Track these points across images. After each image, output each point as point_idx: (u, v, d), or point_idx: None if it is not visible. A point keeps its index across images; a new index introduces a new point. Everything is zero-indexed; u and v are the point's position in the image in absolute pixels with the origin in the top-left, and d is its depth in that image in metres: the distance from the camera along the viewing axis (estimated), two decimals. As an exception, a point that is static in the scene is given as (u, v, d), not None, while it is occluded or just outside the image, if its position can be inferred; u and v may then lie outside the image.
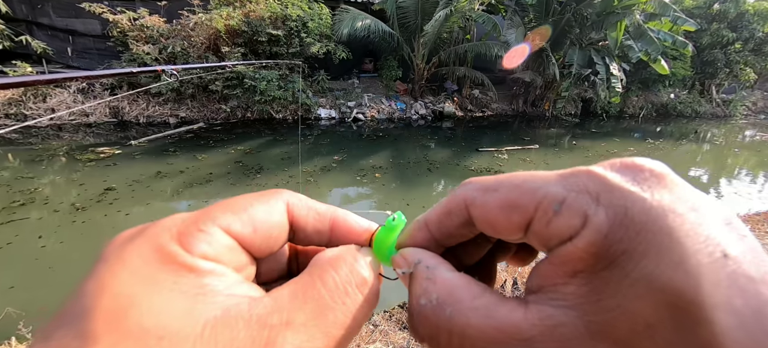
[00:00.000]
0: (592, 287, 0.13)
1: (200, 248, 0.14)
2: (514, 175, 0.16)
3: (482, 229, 0.17)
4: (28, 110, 6.39)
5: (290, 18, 7.37)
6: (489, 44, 8.77)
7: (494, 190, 0.16)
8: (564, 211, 0.14)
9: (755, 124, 11.73)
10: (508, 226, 0.16)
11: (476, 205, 0.17)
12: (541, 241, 0.15)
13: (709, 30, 11.44)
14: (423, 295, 0.16)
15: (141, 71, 1.61)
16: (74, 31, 7.22)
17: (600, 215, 0.13)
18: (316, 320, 0.15)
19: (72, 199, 3.75)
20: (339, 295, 0.16)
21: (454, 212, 0.18)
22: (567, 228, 0.14)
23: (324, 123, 8.21)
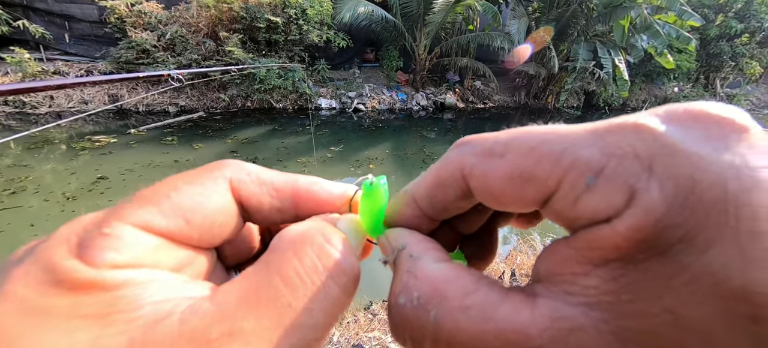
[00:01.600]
0: (625, 282, 0.10)
1: (105, 257, 0.10)
2: (527, 132, 0.13)
3: (484, 202, 0.14)
4: (27, 97, 6.35)
5: (289, 5, 7.26)
6: (492, 35, 8.64)
7: (500, 156, 0.13)
8: (601, 185, 0.10)
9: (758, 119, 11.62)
10: (519, 201, 0.13)
11: (475, 175, 0.13)
12: (563, 220, 0.12)
13: (715, 21, 11.26)
14: (402, 292, 0.13)
15: (147, 76, 1.58)
16: (71, 16, 7.11)
17: (653, 191, 0.10)
18: (272, 326, 0.11)
19: (64, 188, 3.73)
20: (304, 290, 0.12)
21: (446, 184, 0.15)
22: (604, 208, 0.10)
23: (324, 113, 8.16)
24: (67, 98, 6.62)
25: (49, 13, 6.96)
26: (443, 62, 9.77)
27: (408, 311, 0.12)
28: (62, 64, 7.04)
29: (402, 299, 0.13)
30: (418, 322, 0.12)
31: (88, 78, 1.37)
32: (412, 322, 0.12)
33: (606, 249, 0.10)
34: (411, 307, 0.12)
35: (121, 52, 6.80)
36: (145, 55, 6.80)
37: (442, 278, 0.13)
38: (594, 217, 0.11)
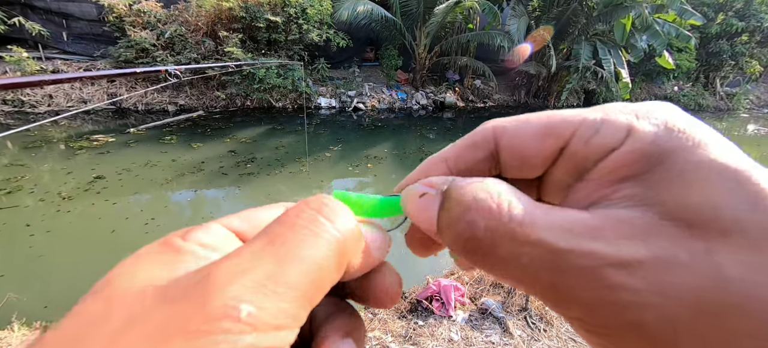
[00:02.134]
0: (647, 185, 0.13)
1: (195, 236, 0.15)
2: (547, 112, 0.17)
3: (507, 160, 0.17)
4: (26, 96, 6.34)
5: (289, 4, 7.24)
6: (492, 34, 8.63)
7: (526, 121, 0.17)
8: (605, 127, 0.15)
9: (758, 118, 11.65)
10: (540, 151, 0.16)
11: (507, 133, 0.17)
12: (576, 162, 0.15)
13: (716, 19, 11.26)
14: (480, 191, 0.14)
15: (145, 72, 1.58)
16: (70, 14, 7.08)
17: (644, 124, 0.14)
18: (263, 246, 0.13)
19: (60, 188, 3.71)
20: (300, 223, 0.14)
21: (479, 144, 0.18)
22: (610, 140, 0.15)
23: (324, 112, 8.15)
24: (66, 97, 6.60)
25: (48, 12, 6.94)
26: (443, 61, 9.75)
27: (487, 205, 0.14)
28: (61, 63, 7.02)
29: (482, 194, 0.14)
30: (499, 212, 0.14)
31: (85, 73, 1.36)
32: (492, 213, 0.14)
33: (621, 168, 0.14)
34: (490, 202, 0.14)
35: (120, 51, 6.78)
36: (144, 53, 6.78)
37: (508, 187, 0.15)
38: (603, 149, 0.15)
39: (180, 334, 0.10)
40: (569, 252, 0.12)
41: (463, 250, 0.14)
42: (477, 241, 0.14)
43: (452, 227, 0.15)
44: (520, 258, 0.13)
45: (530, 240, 0.13)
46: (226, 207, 3.77)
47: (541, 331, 2.05)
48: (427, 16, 8.67)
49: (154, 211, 3.45)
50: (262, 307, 0.11)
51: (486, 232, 0.14)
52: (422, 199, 0.16)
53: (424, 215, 0.16)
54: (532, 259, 0.13)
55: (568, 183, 0.16)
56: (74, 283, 2.36)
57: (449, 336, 2.01)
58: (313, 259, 0.13)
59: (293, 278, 0.12)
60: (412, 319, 2.13)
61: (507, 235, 0.13)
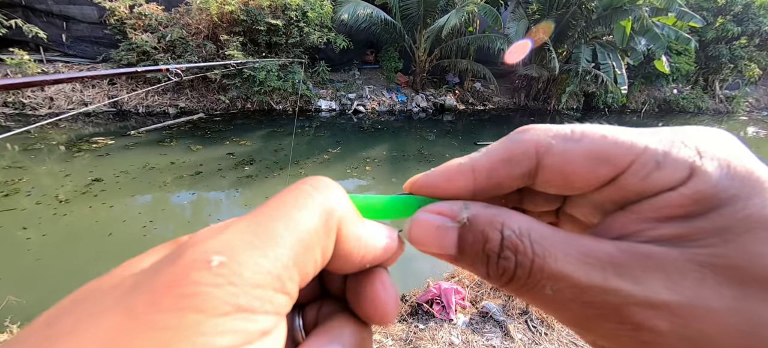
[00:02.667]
0: (693, 228, 0.13)
1: (201, 235, 0.14)
2: (593, 127, 0.15)
3: (548, 180, 0.16)
4: (27, 98, 6.34)
5: (290, 7, 7.26)
6: (492, 37, 8.66)
7: (576, 140, 0.15)
8: (667, 163, 0.14)
9: (757, 121, 11.67)
10: (590, 179, 0.15)
11: (554, 153, 0.15)
12: (626, 194, 0.15)
13: (714, 24, 11.30)
14: (505, 225, 0.14)
15: (146, 70, 1.59)
16: (71, 17, 7.10)
17: (708, 165, 0.14)
18: (249, 213, 0.12)
19: (57, 191, 3.69)
20: (286, 192, 0.13)
21: (516, 160, 0.16)
22: (670, 180, 0.14)
23: (324, 114, 8.16)
24: (67, 100, 6.61)
25: (49, 14, 6.96)
26: (443, 64, 9.78)
27: (512, 240, 0.14)
28: (62, 65, 7.03)
29: (507, 231, 0.14)
30: (522, 245, 0.14)
31: (85, 73, 1.37)
32: (514, 245, 0.14)
33: (671, 208, 0.14)
34: (514, 236, 0.14)
35: (121, 54, 6.80)
36: (146, 56, 6.80)
37: (531, 219, 0.15)
38: (662, 187, 0.14)
39: (147, 295, 0.09)
40: (593, 287, 0.12)
41: (495, 281, 0.15)
42: (512, 276, 0.14)
43: (481, 260, 0.15)
44: (545, 290, 0.13)
45: (555, 274, 0.13)
46: (224, 209, 3.77)
47: (542, 334, 2.04)
48: (428, 20, 8.70)
49: (152, 214, 3.44)
50: (237, 259, 0.10)
51: (518, 268, 0.14)
52: (438, 228, 0.16)
53: (439, 244, 0.16)
54: (558, 292, 0.13)
55: (605, 207, 0.16)
56: (72, 287, 2.34)
57: (450, 339, 2.00)
58: (299, 217, 0.12)
59: (275, 231, 0.11)
60: (413, 323, 2.13)
61: (534, 270, 0.14)
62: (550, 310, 0.14)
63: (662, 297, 0.12)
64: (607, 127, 0.16)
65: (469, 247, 0.15)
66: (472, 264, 0.15)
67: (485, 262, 0.15)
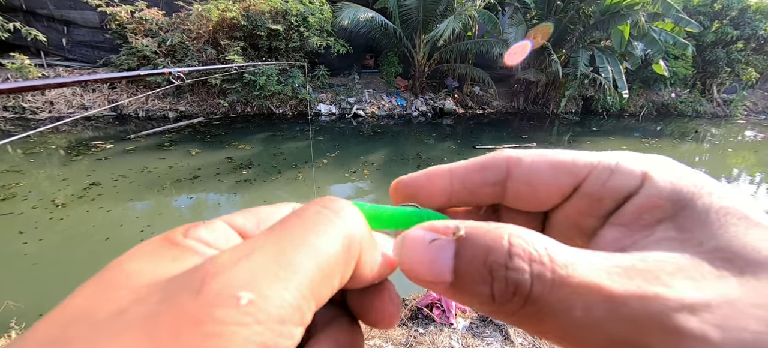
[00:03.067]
0: (680, 229, 0.13)
1: (196, 234, 0.14)
2: (557, 150, 0.17)
3: (517, 191, 0.17)
4: (27, 102, 6.36)
5: (290, 13, 7.31)
6: (490, 42, 8.72)
7: (541, 155, 0.17)
8: (621, 171, 0.16)
9: (755, 124, 11.73)
10: (554, 186, 0.17)
11: (522, 164, 0.17)
12: (591, 202, 0.16)
13: (711, 28, 11.40)
14: (511, 233, 0.13)
15: (148, 74, 1.60)
16: (72, 22, 7.14)
17: (659, 172, 0.15)
18: (268, 234, 0.12)
19: (54, 195, 3.68)
20: (306, 215, 0.13)
21: (489, 168, 0.18)
22: (627, 184, 0.15)
23: (324, 118, 8.18)
24: (67, 104, 6.63)
25: (50, 19, 7.00)
26: (442, 68, 9.83)
27: (520, 248, 0.12)
28: (63, 69, 7.06)
29: (517, 240, 0.12)
30: (534, 253, 0.12)
31: (88, 76, 1.38)
32: (525, 255, 0.12)
33: (652, 210, 0.14)
34: (523, 245, 0.12)
35: (122, 59, 6.83)
36: (146, 61, 6.83)
37: (534, 232, 0.13)
38: (619, 193, 0.15)
39: (169, 326, 0.09)
40: (629, 297, 0.11)
41: (502, 306, 0.12)
42: (527, 293, 0.12)
43: (483, 278, 0.12)
44: (573, 309, 0.11)
45: (585, 286, 0.11)
46: (223, 213, 3.74)
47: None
48: (428, 25, 8.76)
49: (149, 218, 3.44)
50: (263, 294, 0.10)
51: (536, 280, 0.11)
52: (431, 245, 0.13)
53: (433, 265, 0.13)
54: (588, 309, 0.11)
55: (585, 224, 0.17)
56: (68, 293, 2.33)
57: (450, 344, 2.00)
58: (321, 245, 0.12)
59: (298, 263, 0.11)
60: (413, 327, 2.12)
61: (557, 282, 0.11)
62: (572, 341, 0.12)
63: (698, 298, 0.11)
64: (565, 150, 0.17)
65: (466, 263, 0.13)
66: (472, 287, 0.13)
67: (488, 280, 0.12)
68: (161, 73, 1.82)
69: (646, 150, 7.46)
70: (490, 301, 0.12)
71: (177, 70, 1.81)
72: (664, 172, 0.15)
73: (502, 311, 0.12)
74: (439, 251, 0.13)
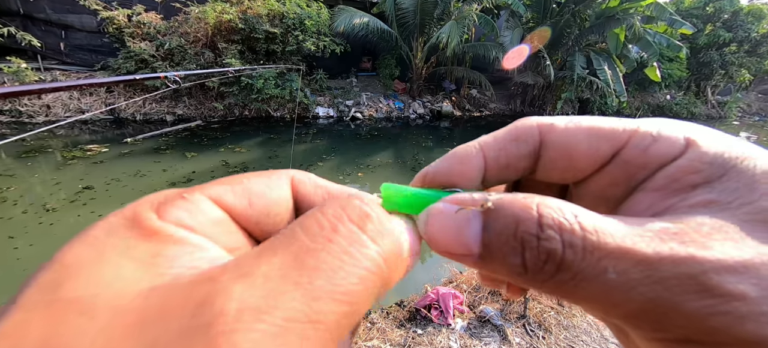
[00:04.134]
0: (720, 192, 0.13)
1: (174, 214, 0.12)
2: (587, 117, 0.16)
3: (552, 159, 0.16)
4: (23, 106, 6.33)
5: (288, 16, 7.35)
6: (487, 45, 8.80)
7: (575, 121, 0.16)
8: (663, 137, 0.15)
9: (749, 126, 11.85)
10: (592, 153, 0.15)
11: (556, 130, 0.16)
12: (629, 170, 0.15)
13: (704, 30, 11.53)
14: (541, 204, 0.12)
15: (144, 78, 1.60)
16: (69, 26, 7.14)
17: (700, 135, 0.14)
18: (285, 269, 0.10)
19: (46, 199, 3.64)
20: (336, 242, 0.11)
21: (522, 138, 0.16)
22: (671, 150, 0.14)
23: (322, 121, 8.20)
24: (64, 107, 6.60)
25: (47, 23, 6.99)
26: (440, 71, 9.89)
27: (553, 217, 0.12)
28: (60, 73, 7.04)
29: (546, 210, 0.12)
30: (568, 222, 0.12)
31: (85, 80, 1.38)
32: (560, 226, 0.12)
33: (690, 174, 0.14)
34: (557, 214, 0.12)
35: (119, 62, 6.82)
36: (144, 64, 6.83)
37: (563, 201, 0.13)
38: (663, 158, 0.14)
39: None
40: (663, 259, 0.11)
41: (535, 276, 0.12)
42: (559, 262, 0.11)
43: (514, 250, 0.12)
44: (606, 273, 0.11)
45: (616, 251, 0.11)
46: None
47: (540, 338, 2.05)
48: (424, 29, 8.82)
49: None
50: None
51: (567, 248, 0.11)
52: (457, 216, 0.13)
53: (460, 237, 0.13)
54: (621, 273, 0.11)
55: (613, 194, 0.16)
56: None
57: (448, 344, 2.00)
58: (353, 292, 0.10)
59: (327, 318, 0.09)
60: (411, 328, 2.13)
61: (589, 248, 0.11)
62: (606, 305, 0.11)
63: (737, 258, 0.11)
64: (598, 117, 0.16)
65: (496, 235, 0.12)
66: (502, 259, 0.12)
67: (519, 250, 0.12)
68: (157, 77, 1.82)
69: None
70: (522, 272, 0.12)
71: (173, 73, 1.82)
72: (709, 138, 0.14)
73: (536, 280, 0.12)
74: (467, 223, 0.13)
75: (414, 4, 8.37)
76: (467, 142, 0.17)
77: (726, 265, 0.11)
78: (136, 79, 1.64)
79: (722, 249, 0.11)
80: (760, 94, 15.03)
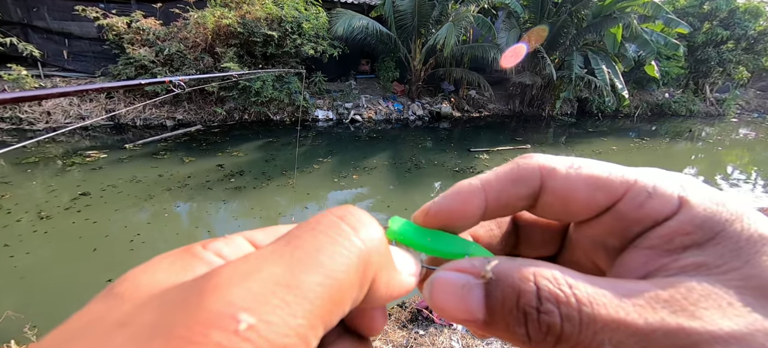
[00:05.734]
0: (710, 255, 0.13)
1: (214, 246, 0.14)
2: (588, 161, 0.17)
3: (549, 203, 0.17)
4: (24, 113, 6.35)
5: (286, 19, 7.38)
6: (485, 46, 8.83)
7: (577, 167, 0.17)
8: (658, 193, 0.15)
9: (748, 123, 11.87)
10: (589, 203, 0.16)
11: (557, 176, 0.16)
12: (624, 223, 0.15)
13: (701, 29, 11.58)
14: (537, 274, 0.13)
15: (148, 83, 1.62)
16: (70, 33, 7.18)
17: (694, 195, 0.15)
18: (276, 248, 0.11)
19: (42, 207, 3.63)
20: (319, 228, 0.12)
21: (524, 181, 0.17)
22: (664, 208, 0.15)
23: (321, 124, 8.22)
24: (64, 114, 6.63)
25: (48, 31, 7.03)
26: (438, 72, 9.92)
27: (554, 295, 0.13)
28: (60, 80, 7.07)
29: (541, 281, 0.13)
30: (571, 304, 0.12)
31: (86, 86, 1.39)
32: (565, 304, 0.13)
33: (682, 236, 0.14)
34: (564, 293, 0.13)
35: (119, 68, 6.85)
36: (144, 70, 6.86)
37: (558, 267, 0.14)
38: (656, 217, 0.15)
39: (163, 341, 0.08)
40: (655, 331, 0.11)
41: (537, 341, 0.13)
42: (559, 333, 0.12)
43: (517, 320, 0.13)
44: (604, 345, 0.12)
45: (610, 323, 0.12)
46: (211, 220, 3.75)
47: (542, 337, 2.05)
48: (422, 30, 8.86)
49: (137, 228, 3.40)
50: (266, 319, 0.09)
51: (565, 321, 0.12)
52: (462, 288, 0.14)
53: (464, 304, 0.14)
54: (617, 345, 0.11)
55: (610, 242, 0.16)
56: (58, 304, 2.34)
57: (450, 344, 2.01)
58: (333, 266, 0.11)
59: (307, 286, 0.10)
60: (413, 329, 2.13)
61: (585, 321, 0.12)
62: None
63: (726, 329, 0.11)
64: (599, 162, 0.17)
65: (499, 305, 0.13)
66: (506, 327, 0.13)
67: (522, 321, 0.13)
68: (161, 82, 1.83)
69: (640, 150, 7.53)
70: (526, 341, 0.13)
71: (177, 78, 1.83)
72: (702, 197, 0.15)
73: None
74: (470, 293, 0.14)
75: (412, 6, 8.42)
76: (469, 178, 0.18)
77: (715, 336, 0.11)
78: (140, 84, 1.65)
79: (711, 319, 0.11)
80: (759, 91, 15.06)
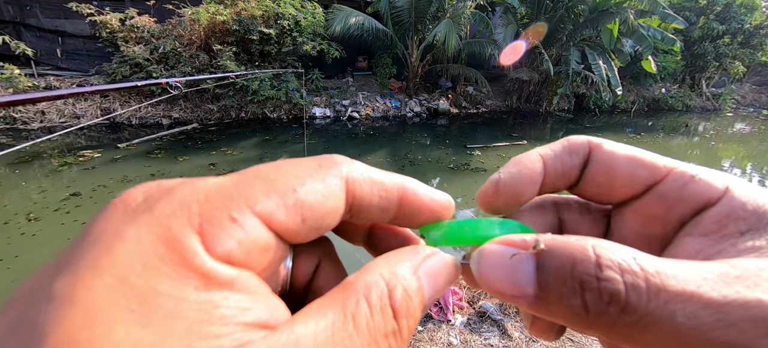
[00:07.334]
0: (765, 240, 0.13)
1: (227, 247, 0.10)
2: (632, 147, 0.18)
3: (594, 175, 0.18)
4: (18, 113, 6.29)
5: (283, 16, 7.33)
6: (482, 42, 8.82)
7: (622, 147, 0.17)
8: (701, 180, 0.15)
9: (744, 117, 11.93)
10: (631, 180, 0.16)
11: (603, 149, 0.17)
12: (669, 204, 0.16)
13: (698, 23, 11.60)
14: (596, 244, 0.12)
15: (145, 84, 1.59)
16: (63, 32, 7.10)
17: (739, 184, 0.15)
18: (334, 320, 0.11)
19: (30, 208, 3.58)
20: (376, 336, 0.12)
21: (574, 150, 0.18)
22: (706, 193, 0.15)
23: (318, 122, 8.19)
24: (59, 113, 6.57)
25: (42, 30, 6.95)
26: (436, 69, 9.90)
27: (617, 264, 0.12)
28: (54, 79, 7.00)
29: (600, 250, 0.12)
30: (637, 273, 0.11)
31: (84, 88, 1.36)
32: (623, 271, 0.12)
33: (734, 221, 0.14)
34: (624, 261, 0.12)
35: (114, 67, 6.79)
36: (139, 68, 6.80)
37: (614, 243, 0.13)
38: (698, 200, 0.15)
39: None
40: (731, 303, 0.11)
41: (596, 318, 0.12)
42: (623, 303, 0.11)
43: (572, 290, 0.12)
44: (675, 316, 0.11)
45: (682, 294, 0.11)
46: None
47: (539, 331, 2.06)
48: (419, 26, 8.82)
49: None
50: None
51: (631, 290, 0.11)
52: (511, 260, 0.13)
53: (514, 277, 0.13)
54: (691, 317, 0.11)
55: (653, 231, 0.16)
56: None
57: (448, 340, 2.02)
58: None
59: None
60: (411, 325, 2.13)
61: (654, 291, 0.11)
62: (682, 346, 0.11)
63: None
64: (642, 150, 0.17)
65: (552, 276, 0.12)
66: (560, 300, 0.12)
67: (578, 291, 0.12)
68: (158, 83, 1.81)
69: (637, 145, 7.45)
70: (583, 313, 0.12)
71: (174, 80, 1.81)
72: (745, 188, 0.15)
73: (598, 323, 0.12)
74: (520, 265, 0.13)
75: (408, 2, 8.38)
76: (526, 152, 0.19)
77: None
78: (137, 85, 1.63)
79: None
80: (754, 85, 15.13)
